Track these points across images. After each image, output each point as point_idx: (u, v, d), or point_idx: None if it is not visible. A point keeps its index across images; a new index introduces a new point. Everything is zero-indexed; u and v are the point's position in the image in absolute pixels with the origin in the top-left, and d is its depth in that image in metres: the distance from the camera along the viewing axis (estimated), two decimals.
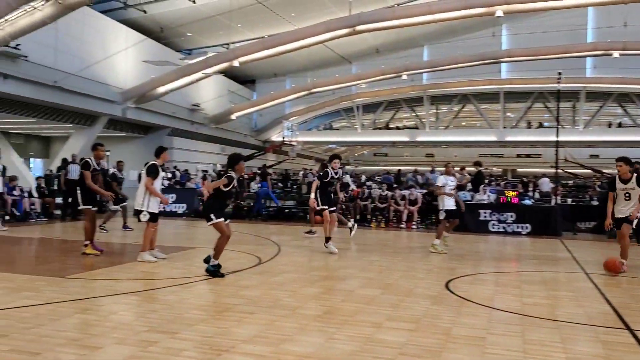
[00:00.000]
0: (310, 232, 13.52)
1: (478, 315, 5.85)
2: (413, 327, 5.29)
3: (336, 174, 10.85)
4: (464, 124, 46.14)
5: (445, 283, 7.53)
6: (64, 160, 18.17)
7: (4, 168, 14.73)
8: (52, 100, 21.14)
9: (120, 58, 24.90)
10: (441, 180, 10.85)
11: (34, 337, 4.68)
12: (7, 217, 14.56)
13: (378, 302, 6.29)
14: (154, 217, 8.89)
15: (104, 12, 25.73)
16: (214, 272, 7.58)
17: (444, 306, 6.20)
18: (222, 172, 9.38)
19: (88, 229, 9.39)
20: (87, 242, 9.36)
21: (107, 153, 21.25)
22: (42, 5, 15.54)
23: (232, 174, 7.79)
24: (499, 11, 19.14)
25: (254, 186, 20.03)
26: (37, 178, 18.38)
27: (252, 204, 18.88)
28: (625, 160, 8.79)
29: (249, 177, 23.56)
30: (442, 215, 10.82)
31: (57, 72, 20.82)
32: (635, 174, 8.75)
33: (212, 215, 7.63)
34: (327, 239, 10.35)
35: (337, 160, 10.90)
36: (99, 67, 23.21)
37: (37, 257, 9.61)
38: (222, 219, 7.70)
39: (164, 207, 11.07)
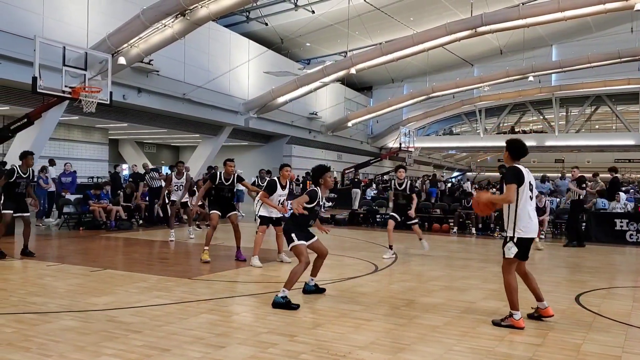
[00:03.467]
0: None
1: (612, 332, 5.42)
2: (539, 341, 4.99)
3: (400, 184, 10.73)
4: (597, 127, 43.17)
5: (575, 297, 7.04)
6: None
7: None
8: (181, 112, 22.50)
9: (243, 70, 26.01)
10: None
11: (164, 334, 4.97)
12: (140, 222, 15.75)
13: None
14: (266, 222, 9.31)
15: (227, 26, 27.07)
16: (284, 304, 6.00)
17: (574, 321, 5.81)
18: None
19: (210, 235, 9.51)
20: (206, 248, 9.42)
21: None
22: (172, 22, 16.57)
23: (317, 189, 6.52)
24: (639, 4, 17.52)
25: (370, 193, 20.01)
26: None
27: (366, 211, 18.87)
28: None
29: (365, 184, 23.62)
30: None
31: (186, 85, 22.15)
32: None
33: (293, 235, 6.35)
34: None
35: (402, 170, 10.79)
36: (224, 79, 24.38)
37: (168, 258, 10.24)
38: (304, 241, 6.41)
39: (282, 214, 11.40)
